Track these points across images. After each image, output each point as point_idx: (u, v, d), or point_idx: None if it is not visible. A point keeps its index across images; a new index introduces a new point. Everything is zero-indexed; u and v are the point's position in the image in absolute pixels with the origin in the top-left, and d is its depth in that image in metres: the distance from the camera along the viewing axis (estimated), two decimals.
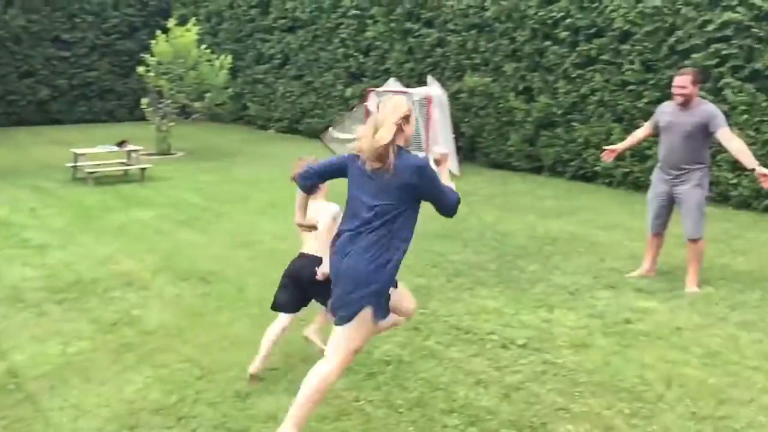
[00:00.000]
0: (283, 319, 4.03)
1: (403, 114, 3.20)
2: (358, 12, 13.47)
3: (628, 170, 9.65)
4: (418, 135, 11.96)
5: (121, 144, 10.90)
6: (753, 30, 8.27)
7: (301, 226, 3.80)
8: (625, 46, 9.57)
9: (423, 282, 5.64)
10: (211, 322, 4.82)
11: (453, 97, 11.79)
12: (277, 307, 4.03)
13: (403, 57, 12.75)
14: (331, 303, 3.28)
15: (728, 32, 8.48)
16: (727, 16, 8.42)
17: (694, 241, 5.58)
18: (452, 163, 11.02)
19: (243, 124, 17.06)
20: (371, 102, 12.16)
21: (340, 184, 3.55)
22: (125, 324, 4.78)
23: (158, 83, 12.53)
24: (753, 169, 5.24)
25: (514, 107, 11.10)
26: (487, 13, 11.20)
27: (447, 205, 3.35)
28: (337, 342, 3.18)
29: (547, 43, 10.53)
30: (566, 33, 10.23)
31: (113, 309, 5.06)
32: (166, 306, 5.13)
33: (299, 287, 3.94)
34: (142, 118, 13.71)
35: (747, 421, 3.51)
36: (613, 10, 9.59)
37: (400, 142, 3.20)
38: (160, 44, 12.37)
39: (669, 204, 5.69)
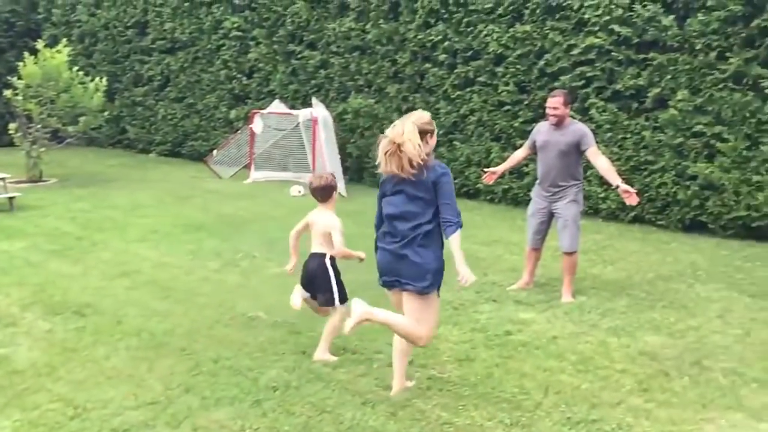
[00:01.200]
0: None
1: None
2: (239, 33, 13.34)
3: (507, 187, 10.05)
4: (305, 156, 11.98)
5: None
6: (613, 54, 8.88)
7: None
8: (500, 69, 10.01)
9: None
10: (86, 357, 4.58)
11: (338, 119, 11.89)
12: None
13: (287, 79, 12.74)
14: None
15: (591, 56, 9.07)
16: (590, 40, 9.00)
17: (569, 254, 5.88)
18: (340, 185, 11.09)
19: (122, 149, 16.41)
20: (256, 124, 12.08)
21: None
22: None
23: (27, 107, 11.86)
24: (617, 186, 5.61)
25: None
26: (369, 36, 11.40)
27: None
28: None
29: (427, 65, 10.84)
30: (445, 56, 10.58)
31: None
32: (37, 343, 4.83)
33: (309, 281, 4.58)
34: (11, 144, 12.93)
35: (617, 422, 3.71)
36: (487, 35, 10.02)
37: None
38: (29, 66, 11.74)
39: (548, 219, 5.98)
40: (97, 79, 12.47)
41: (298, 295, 4.63)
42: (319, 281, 4.53)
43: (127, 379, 4.19)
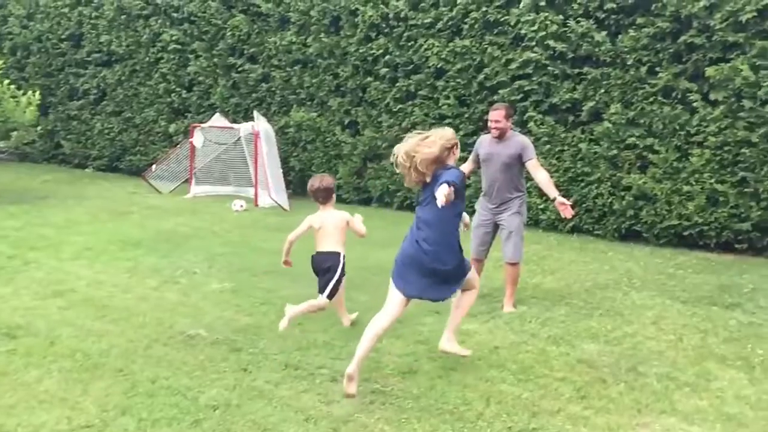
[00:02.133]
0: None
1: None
2: (178, 46, 13.15)
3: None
4: (247, 170, 11.87)
5: None
6: (549, 68, 9.11)
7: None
8: (440, 82, 10.14)
9: (252, 321, 5.54)
10: (17, 380, 4.40)
11: (280, 132, 11.83)
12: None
13: (228, 92, 12.62)
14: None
15: (529, 70, 9.28)
16: (527, 55, 9.21)
17: (513, 264, 5.97)
18: (282, 198, 11.02)
19: (57, 164, 15.93)
20: (196, 138, 11.91)
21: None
22: None
23: None
24: (554, 198, 5.73)
25: (341, 141, 11.34)
26: (310, 50, 11.40)
27: None
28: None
29: (369, 78, 10.90)
30: (386, 69, 10.66)
31: None
32: None
33: (326, 273, 5.06)
34: None
35: (556, 430, 3.78)
36: (427, 49, 10.15)
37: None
38: None
39: (493, 231, 6.06)
40: (30, 92, 12.09)
41: (286, 320, 5.01)
42: (327, 278, 5.10)
43: (60, 402, 4.05)
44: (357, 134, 11.26)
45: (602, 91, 8.78)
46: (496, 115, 5.88)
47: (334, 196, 5.24)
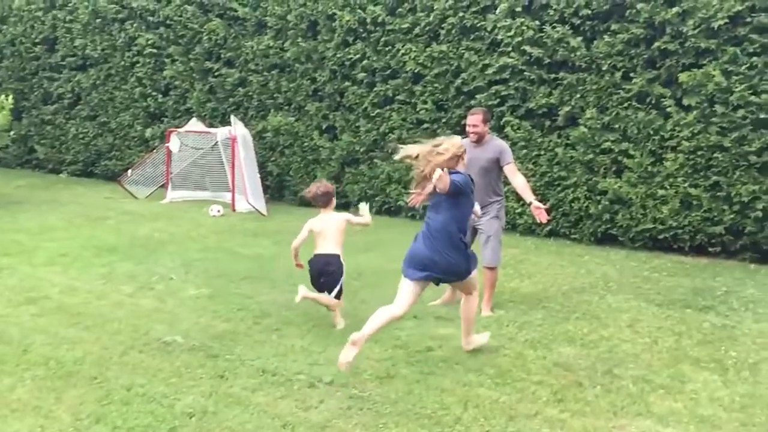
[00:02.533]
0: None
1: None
2: (154, 50, 13.05)
3: (428, 203, 10.16)
4: (224, 175, 11.80)
5: None
6: (525, 73, 9.18)
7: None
8: (418, 87, 10.18)
9: (229, 327, 5.50)
10: None
11: (258, 137, 11.79)
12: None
13: (205, 97, 12.54)
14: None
15: (505, 75, 9.34)
16: (503, 61, 9.28)
17: (491, 268, 5.99)
18: (260, 203, 10.97)
19: (31, 169, 15.71)
20: (173, 143, 11.82)
21: None
22: None
23: None
24: (530, 203, 5.78)
25: (319, 145, 11.32)
26: (287, 54, 11.38)
27: None
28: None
29: (347, 83, 10.90)
30: (364, 74, 10.67)
31: None
32: None
33: (326, 274, 5.34)
34: None
35: None
36: (404, 54, 10.18)
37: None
38: None
39: (471, 235, 6.08)
40: (3, 97, 11.93)
41: (300, 295, 5.39)
42: (333, 278, 5.36)
43: (33, 411, 3.99)
44: (335, 139, 11.26)
45: (578, 96, 8.87)
46: (474, 120, 5.92)
47: (334, 199, 5.53)
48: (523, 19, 9.09)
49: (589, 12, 8.64)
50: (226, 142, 11.39)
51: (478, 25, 9.54)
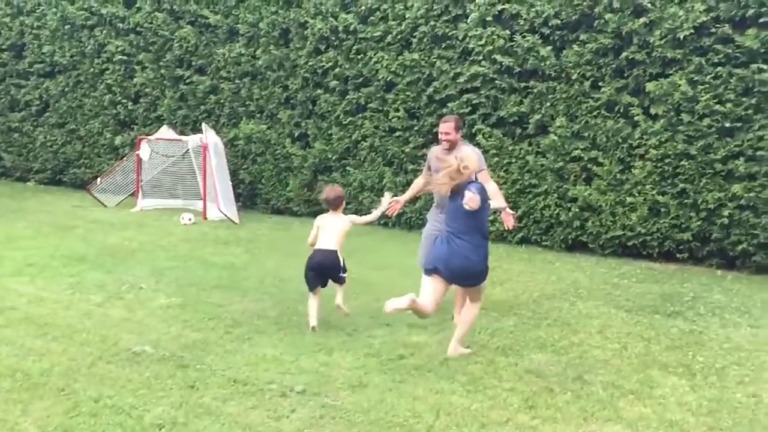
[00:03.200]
0: (316, 295, 5.67)
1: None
2: (124, 57, 12.92)
3: (401, 211, 10.14)
4: (195, 183, 11.71)
5: None
6: (497, 82, 9.27)
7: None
8: (390, 95, 10.21)
9: (199, 337, 5.45)
10: None
11: (230, 144, 11.72)
12: (311, 287, 5.67)
13: (176, 104, 12.44)
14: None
15: (477, 84, 9.41)
16: (474, 69, 9.35)
17: None
18: (232, 211, 10.90)
19: None
20: (143, 150, 11.70)
21: None
22: None
23: None
24: (504, 208, 5.83)
25: (291, 153, 11.29)
26: (259, 62, 11.35)
27: None
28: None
29: (319, 91, 10.90)
30: (336, 82, 10.68)
31: None
32: None
33: (320, 273, 5.64)
34: None
35: None
36: (377, 62, 10.20)
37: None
38: None
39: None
40: None
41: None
42: (334, 270, 5.68)
43: None
44: (307, 147, 11.24)
45: (548, 104, 8.97)
46: (446, 127, 5.95)
47: (343, 203, 5.89)
48: (494, 29, 9.18)
49: (559, 22, 8.75)
50: (197, 150, 11.31)
51: (450, 33, 9.60)
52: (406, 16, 9.90)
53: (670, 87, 8.11)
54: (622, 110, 8.55)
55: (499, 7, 9.15)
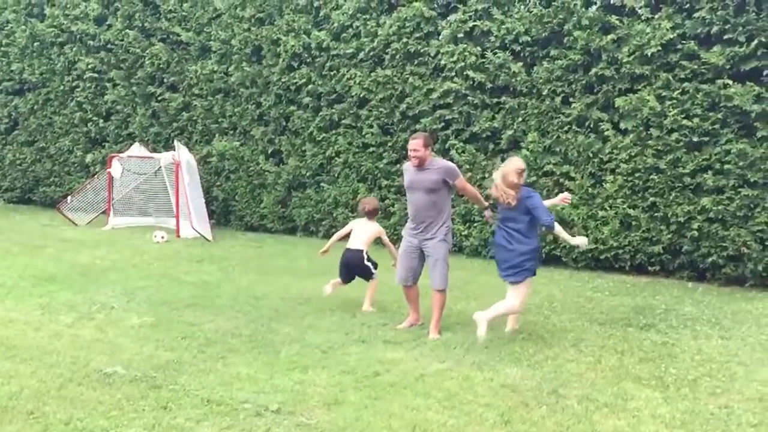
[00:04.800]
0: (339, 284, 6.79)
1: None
2: (95, 75, 12.82)
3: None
4: (168, 200, 11.61)
5: None
6: (469, 98, 9.36)
7: None
8: (364, 111, 10.25)
9: (172, 356, 5.36)
10: None
11: (203, 162, 11.66)
12: (342, 280, 6.79)
13: (147, 121, 12.36)
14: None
15: (449, 100, 9.50)
16: (447, 85, 9.44)
17: (440, 291, 6.02)
18: (205, 229, 10.81)
19: None
20: (114, 168, 11.59)
21: None
22: None
23: None
24: (486, 207, 6.21)
25: (265, 170, 11.26)
26: (232, 79, 11.33)
27: None
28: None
29: (292, 107, 10.91)
30: (309, 98, 10.70)
31: None
32: None
33: (348, 268, 6.68)
34: None
35: None
36: (350, 78, 10.25)
37: None
38: None
39: (420, 257, 6.10)
40: None
41: (330, 286, 6.81)
42: (360, 269, 6.65)
43: None
44: (281, 163, 11.22)
45: (520, 120, 9.07)
46: (414, 145, 5.97)
47: (378, 212, 6.98)
48: (465, 45, 9.28)
49: (529, 39, 8.88)
50: (169, 167, 11.22)
51: (422, 50, 9.69)
52: (379, 33, 9.97)
53: (638, 102, 8.25)
54: (592, 125, 8.68)
55: (471, 24, 9.27)
